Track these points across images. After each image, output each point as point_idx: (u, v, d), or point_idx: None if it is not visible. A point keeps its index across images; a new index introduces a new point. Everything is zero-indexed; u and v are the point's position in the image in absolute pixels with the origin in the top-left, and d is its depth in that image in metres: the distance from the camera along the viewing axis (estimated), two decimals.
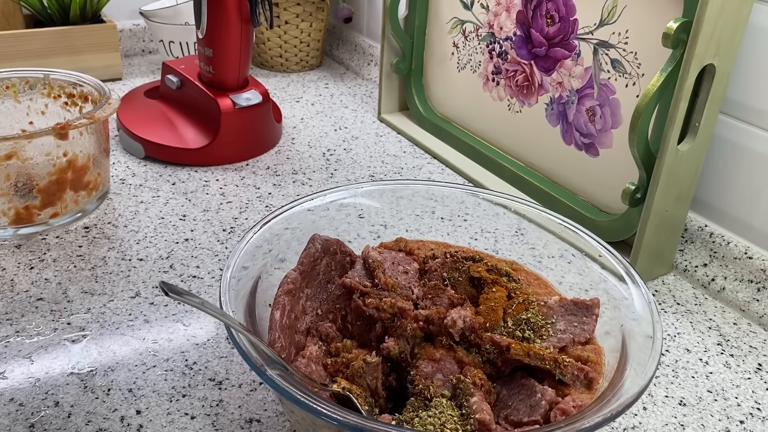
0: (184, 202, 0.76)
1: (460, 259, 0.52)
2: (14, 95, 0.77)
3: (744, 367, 0.57)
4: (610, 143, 0.70)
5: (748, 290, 0.63)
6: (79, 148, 0.68)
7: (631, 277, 0.47)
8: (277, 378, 0.37)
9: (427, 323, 0.45)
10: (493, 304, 0.48)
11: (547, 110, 0.77)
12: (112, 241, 0.68)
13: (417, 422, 0.40)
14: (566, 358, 0.43)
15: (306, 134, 0.95)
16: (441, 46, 0.92)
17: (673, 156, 0.60)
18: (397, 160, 0.88)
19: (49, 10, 1.04)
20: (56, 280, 0.62)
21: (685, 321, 0.62)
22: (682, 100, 0.58)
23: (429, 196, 0.57)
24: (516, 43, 0.79)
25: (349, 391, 0.42)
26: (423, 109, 0.96)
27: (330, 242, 0.52)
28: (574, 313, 0.48)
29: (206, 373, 0.53)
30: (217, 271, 0.65)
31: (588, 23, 0.69)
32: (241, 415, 0.49)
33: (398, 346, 0.45)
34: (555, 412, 0.40)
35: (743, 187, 0.64)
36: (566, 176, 0.76)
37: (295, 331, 0.47)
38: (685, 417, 0.52)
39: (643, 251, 0.64)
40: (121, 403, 0.50)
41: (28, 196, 0.67)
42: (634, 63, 0.65)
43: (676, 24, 0.57)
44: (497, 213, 0.56)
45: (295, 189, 0.80)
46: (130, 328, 0.57)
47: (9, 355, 0.53)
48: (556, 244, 0.54)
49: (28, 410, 0.49)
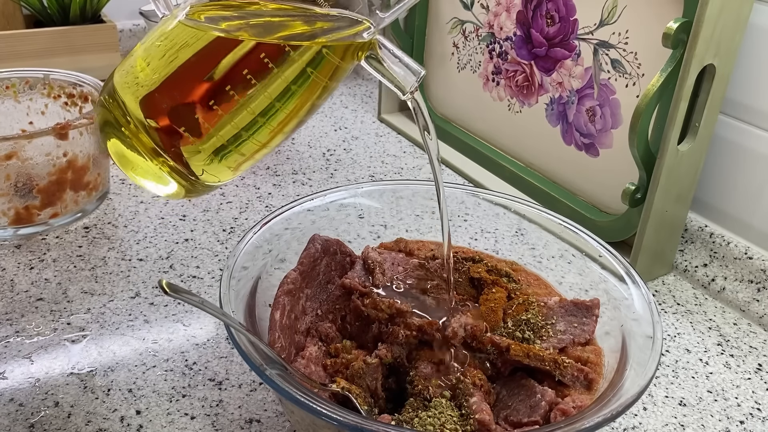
0: (184, 202, 0.76)
1: (460, 260, 0.52)
2: (14, 95, 0.77)
3: (744, 367, 0.57)
4: (610, 143, 0.70)
5: (748, 290, 0.63)
6: (79, 148, 0.68)
7: (631, 278, 0.47)
8: (277, 378, 0.37)
9: (420, 332, 0.45)
10: (493, 305, 0.48)
11: (547, 110, 0.77)
12: (112, 241, 0.68)
13: (417, 422, 0.40)
14: (566, 359, 0.44)
15: (306, 134, 0.95)
16: (441, 46, 0.91)
17: (673, 156, 0.60)
18: (397, 160, 0.88)
19: (49, 10, 1.03)
20: (56, 280, 0.62)
21: (685, 321, 0.62)
22: (682, 100, 0.58)
23: (429, 196, 0.57)
24: (516, 43, 0.79)
25: (349, 391, 0.42)
26: None
27: (330, 242, 0.52)
28: (574, 314, 0.48)
29: (206, 374, 0.53)
30: (217, 271, 0.65)
31: (588, 23, 0.69)
32: (241, 416, 0.49)
33: (391, 353, 0.44)
34: (555, 412, 0.40)
35: (743, 187, 0.64)
36: (566, 176, 0.76)
37: (294, 332, 0.47)
38: (685, 417, 0.51)
39: (643, 251, 0.64)
40: (121, 403, 0.50)
41: (28, 196, 0.67)
42: (634, 63, 0.65)
43: (676, 24, 0.57)
44: (497, 213, 0.56)
45: (295, 189, 0.80)
46: (130, 328, 0.57)
47: (9, 355, 0.53)
48: (556, 244, 0.54)
49: (28, 410, 0.49)
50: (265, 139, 0.43)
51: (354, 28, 0.41)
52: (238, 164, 0.44)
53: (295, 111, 0.42)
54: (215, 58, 0.39)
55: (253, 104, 0.40)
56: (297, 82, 0.40)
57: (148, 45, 0.41)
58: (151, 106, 0.40)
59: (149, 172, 0.42)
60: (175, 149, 0.40)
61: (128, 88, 0.41)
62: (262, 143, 0.43)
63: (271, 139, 0.43)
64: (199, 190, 0.44)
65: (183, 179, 0.42)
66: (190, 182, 0.43)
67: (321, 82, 0.41)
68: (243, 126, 0.41)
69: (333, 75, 0.42)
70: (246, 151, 0.43)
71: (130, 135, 0.40)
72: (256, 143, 0.42)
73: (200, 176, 0.43)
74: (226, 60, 0.39)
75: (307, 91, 0.41)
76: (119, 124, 0.41)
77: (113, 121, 0.41)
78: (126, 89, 0.41)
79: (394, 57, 0.42)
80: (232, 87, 0.39)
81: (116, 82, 0.41)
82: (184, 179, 0.42)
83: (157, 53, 0.41)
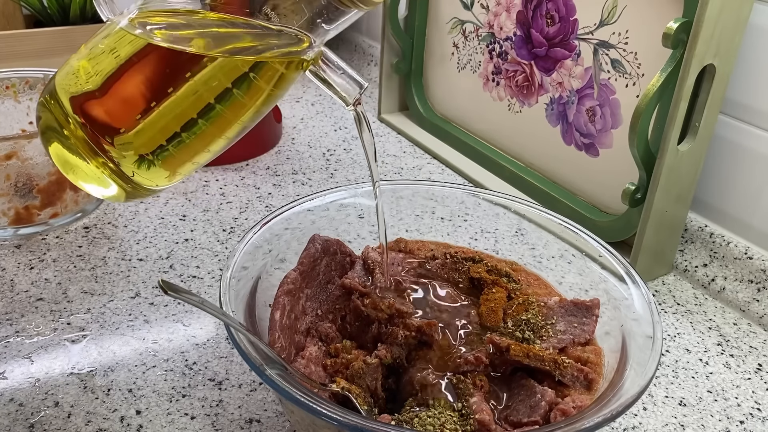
0: (184, 202, 0.76)
1: (460, 260, 0.52)
2: (14, 95, 0.77)
3: (744, 367, 0.57)
4: (610, 143, 0.70)
5: (748, 290, 0.63)
6: None
7: (631, 278, 0.47)
8: (277, 378, 0.37)
9: (419, 333, 0.45)
10: (493, 305, 0.48)
11: (547, 110, 0.77)
12: (112, 241, 0.68)
13: (417, 422, 0.40)
14: (566, 359, 0.43)
15: (306, 134, 0.95)
16: (441, 47, 0.91)
17: (673, 156, 0.60)
18: (397, 160, 0.88)
19: (49, 10, 1.03)
20: (56, 280, 0.62)
21: (685, 321, 0.62)
22: (682, 100, 0.58)
23: (429, 196, 0.57)
24: (516, 43, 0.79)
25: (349, 391, 0.42)
26: (423, 109, 0.96)
27: (330, 242, 0.52)
28: (574, 314, 0.48)
29: (206, 374, 0.53)
30: (217, 271, 0.65)
31: (588, 23, 0.69)
32: (241, 416, 0.49)
33: (390, 353, 0.45)
34: (555, 412, 0.40)
35: (743, 187, 0.64)
36: (566, 176, 0.76)
37: (294, 332, 0.47)
38: (685, 417, 0.51)
39: (643, 251, 0.64)
40: (121, 403, 0.50)
41: (28, 196, 0.67)
42: (634, 63, 0.65)
43: (676, 24, 0.57)
44: (497, 213, 0.56)
45: (295, 189, 0.80)
46: (130, 328, 0.57)
47: (9, 355, 0.53)
48: (556, 244, 0.54)
49: (28, 410, 0.49)
50: (202, 142, 0.42)
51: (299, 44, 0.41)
52: (174, 168, 0.43)
53: (236, 115, 0.42)
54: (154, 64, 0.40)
55: (188, 103, 0.40)
56: (238, 86, 0.40)
57: (91, 46, 0.42)
58: (85, 103, 0.41)
59: (89, 175, 0.42)
60: (107, 149, 0.41)
61: (68, 87, 0.41)
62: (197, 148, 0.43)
63: (209, 143, 0.43)
64: (139, 193, 0.44)
65: (123, 181, 0.42)
66: (130, 185, 0.43)
67: (264, 88, 0.41)
68: (180, 126, 0.41)
69: (277, 83, 0.42)
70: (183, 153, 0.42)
71: (69, 135, 0.41)
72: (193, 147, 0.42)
73: (132, 178, 0.42)
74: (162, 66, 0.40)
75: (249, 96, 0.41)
76: (60, 124, 0.41)
77: (54, 121, 0.41)
78: (65, 89, 0.41)
79: (337, 69, 0.43)
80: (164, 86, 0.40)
81: (57, 82, 0.42)
82: (125, 181, 0.42)
83: (97, 52, 0.41)
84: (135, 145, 0.41)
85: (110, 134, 0.40)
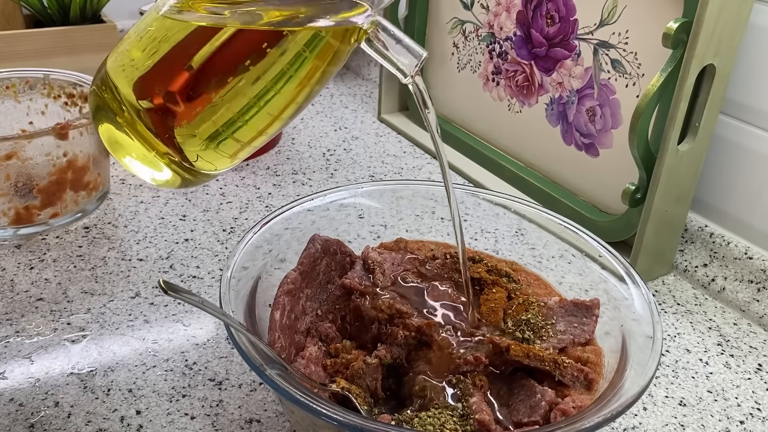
0: (184, 202, 0.76)
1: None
2: (14, 95, 0.77)
3: (744, 367, 0.57)
4: (610, 143, 0.70)
5: (748, 290, 0.63)
6: (79, 148, 0.68)
7: (631, 278, 0.47)
8: (277, 378, 0.37)
9: (418, 333, 0.45)
10: (493, 305, 0.48)
11: (547, 110, 0.77)
12: (112, 241, 0.68)
13: (417, 422, 0.40)
14: (566, 360, 0.43)
15: (306, 134, 0.95)
16: (441, 47, 0.91)
17: (673, 156, 0.60)
18: (397, 160, 0.88)
19: (49, 10, 1.03)
20: (56, 280, 0.62)
21: (685, 321, 0.62)
22: (682, 100, 0.58)
23: (429, 196, 0.57)
24: (516, 44, 0.79)
25: (349, 391, 0.42)
26: None
27: (330, 242, 0.52)
28: (574, 314, 0.48)
29: (206, 374, 0.53)
30: (217, 271, 0.65)
31: (588, 23, 0.69)
32: (241, 416, 0.49)
33: (390, 353, 0.44)
34: (555, 412, 0.40)
35: (743, 187, 0.64)
36: (566, 176, 0.76)
37: (294, 332, 0.47)
38: (685, 417, 0.51)
39: (643, 251, 0.64)
40: (121, 403, 0.50)
41: (28, 196, 0.67)
42: (634, 63, 0.65)
43: (676, 24, 0.57)
44: (497, 213, 0.56)
45: (295, 189, 0.80)
46: (130, 328, 0.57)
47: (9, 355, 0.53)
48: (556, 244, 0.54)
49: (28, 410, 0.49)
50: (261, 124, 0.42)
51: (354, 10, 0.40)
52: (235, 151, 0.43)
53: (292, 95, 0.41)
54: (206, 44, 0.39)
55: (248, 87, 0.39)
56: (293, 65, 0.39)
57: (141, 30, 0.41)
58: (143, 88, 0.40)
59: (142, 158, 0.41)
60: (168, 134, 0.40)
61: (122, 72, 0.40)
62: (258, 129, 0.42)
63: (269, 125, 0.42)
64: (195, 178, 0.43)
65: (177, 167, 0.41)
66: (185, 169, 0.42)
67: (319, 65, 0.40)
68: (238, 110, 0.40)
69: (331, 58, 0.41)
70: (242, 136, 0.42)
71: (123, 121, 0.40)
72: (253, 129, 0.42)
73: (195, 162, 0.42)
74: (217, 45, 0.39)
75: (304, 75, 0.40)
76: (112, 110, 0.40)
77: (106, 107, 0.40)
78: (119, 74, 0.40)
79: (395, 39, 0.40)
80: (226, 70, 0.39)
81: (109, 68, 0.41)
82: (179, 166, 0.41)
83: (150, 38, 0.40)
84: (200, 131, 0.40)
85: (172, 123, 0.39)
